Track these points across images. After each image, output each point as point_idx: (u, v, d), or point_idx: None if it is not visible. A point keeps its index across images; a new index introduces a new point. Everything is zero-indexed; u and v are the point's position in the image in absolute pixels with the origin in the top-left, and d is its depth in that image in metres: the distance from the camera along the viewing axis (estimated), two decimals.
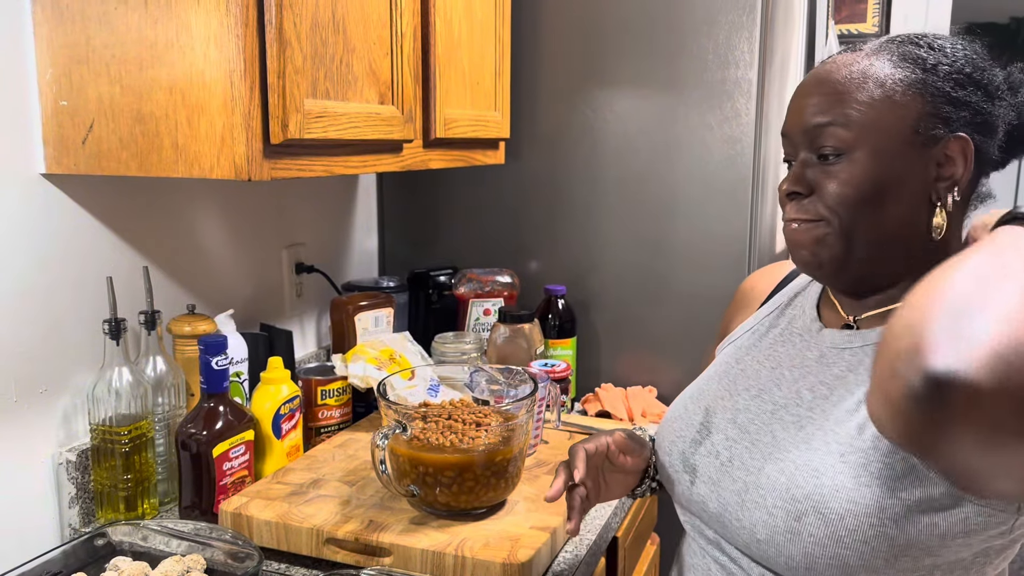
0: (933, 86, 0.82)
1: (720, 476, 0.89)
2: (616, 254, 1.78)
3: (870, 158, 0.81)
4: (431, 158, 1.44)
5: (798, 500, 0.79)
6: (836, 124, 0.82)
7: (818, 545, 0.78)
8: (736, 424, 0.91)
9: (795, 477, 0.81)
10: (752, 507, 0.83)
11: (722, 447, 0.90)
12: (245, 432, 1.24)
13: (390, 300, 1.65)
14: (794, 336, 0.95)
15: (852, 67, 0.84)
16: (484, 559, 1.01)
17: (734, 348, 1.02)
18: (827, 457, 0.80)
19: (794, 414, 0.87)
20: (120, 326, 1.19)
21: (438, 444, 1.10)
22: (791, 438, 0.85)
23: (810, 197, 0.85)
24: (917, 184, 0.82)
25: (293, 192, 1.69)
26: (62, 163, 1.12)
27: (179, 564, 1.01)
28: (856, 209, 0.82)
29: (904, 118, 0.81)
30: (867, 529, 0.76)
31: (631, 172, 1.74)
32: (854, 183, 0.82)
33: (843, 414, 0.82)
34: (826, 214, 0.83)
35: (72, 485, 1.20)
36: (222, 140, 1.02)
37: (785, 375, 0.91)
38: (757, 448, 0.87)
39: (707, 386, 0.99)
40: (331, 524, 1.09)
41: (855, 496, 0.77)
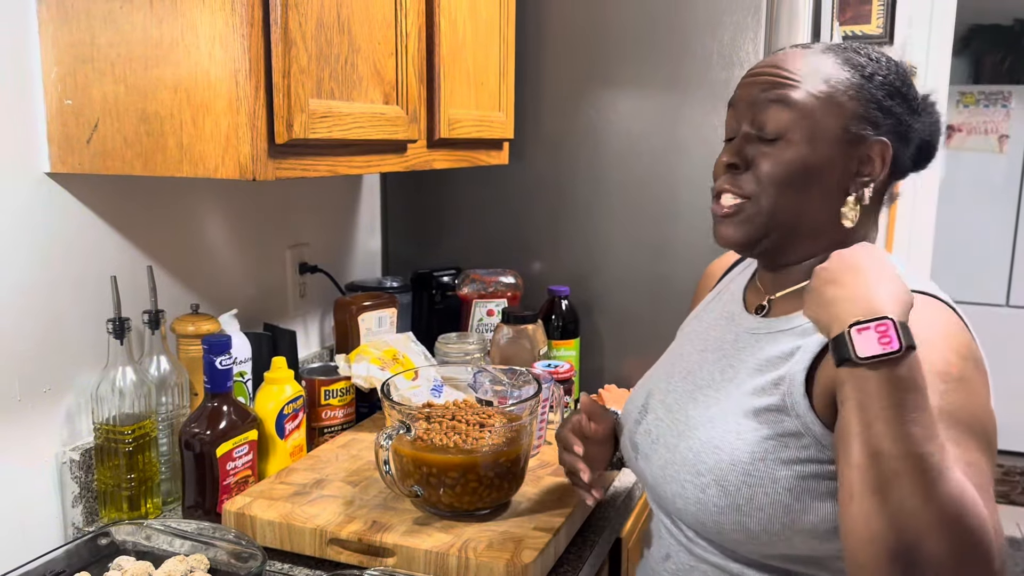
0: (869, 92, 0.90)
1: (650, 452, 1.00)
2: (620, 255, 1.77)
3: (804, 144, 0.89)
4: (435, 158, 1.44)
5: (701, 474, 0.90)
6: (781, 104, 0.90)
7: (722, 513, 0.88)
8: (664, 404, 1.02)
9: (700, 453, 0.91)
10: (670, 480, 0.94)
11: (653, 426, 1.02)
12: (249, 432, 1.24)
13: (393, 300, 1.65)
14: (722, 320, 1.04)
15: (805, 59, 0.92)
16: (488, 560, 1.01)
17: (681, 333, 1.13)
18: (727, 435, 0.90)
19: (706, 394, 0.97)
20: (124, 325, 1.19)
21: (442, 445, 1.09)
22: (700, 416, 0.95)
23: (745, 172, 0.92)
24: (839, 176, 0.91)
25: (297, 192, 1.69)
26: (67, 162, 1.12)
27: (182, 564, 1.01)
28: (782, 189, 0.90)
29: (840, 115, 0.90)
30: (762, 498, 0.86)
31: (635, 173, 1.73)
32: (785, 164, 0.90)
33: (743, 395, 0.92)
34: (755, 190, 0.91)
35: (76, 484, 1.20)
36: (227, 140, 1.02)
37: (708, 357, 1.01)
38: (675, 427, 0.98)
39: (653, 372, 1.11)
40: (334, 524, 1.09)
41: (750, 469, 0.87)
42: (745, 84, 0.95)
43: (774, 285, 0.99)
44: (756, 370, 0.93)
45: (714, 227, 0.97)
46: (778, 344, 0.92)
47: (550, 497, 1.18)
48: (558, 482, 1.23)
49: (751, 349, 0.95)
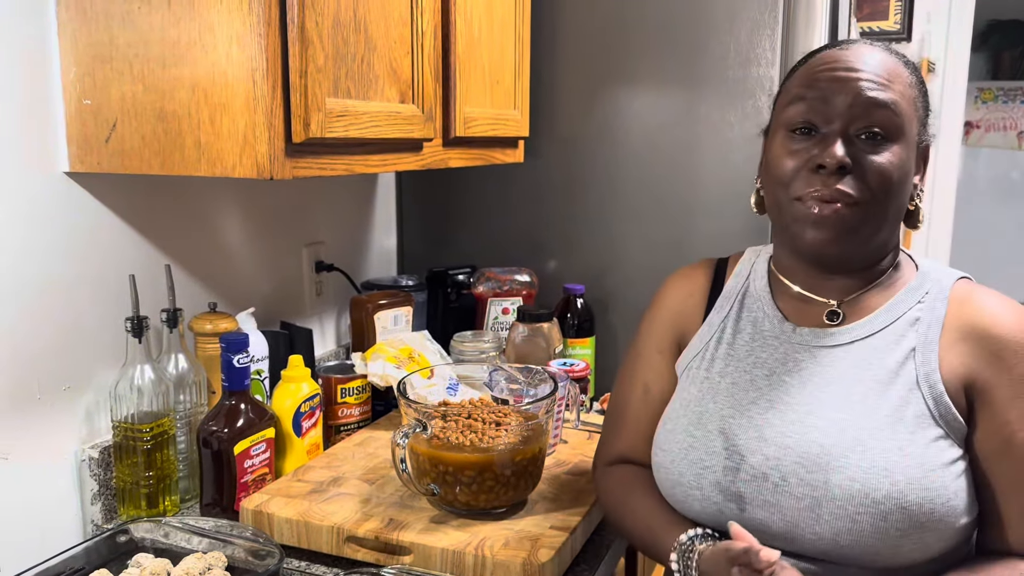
0: (925, 102, 0.93)
1: (777, 497, 0.88)
2: (635, 253, 1.77)
3: (905, 148, 0.89)
4: (451, 157, 1.44)
5: (879, 502, 0.84)
6: (890, 108, 0.87)
7: (904, 536, 0.84)
8: (767, 441, 0.90)
9: (868, 482, 0.85)
10: (830, 519, 0.85)
11: (767, 468, 0.89)
12: (266, 430, 1.25)
13: (409, 299, 1.65)
14: (769, 339, 0.96)
15: (887, 57, 0.91)
16: (504, 559, 1.01)
17: (707, 363, 1.00)
18: (890, 454, 0.85)
19: (826, 418, 0.89)
20: (142, 324, 1.19)
21: (458, 443, 1.09)
22: (838, 443, 0.87)
23: (851, 174, 0.87)
24: (913, 177, 0.92)
25: (313, 191, 1.69)
26: (85, 161, 1.13)
27: (200, 561, 1.02)
28: (891, 193, 0.88)
29: (917, 118, 0.91)
30: (940, 508, 0.84)
31: (651, 170, 1.73)
32: (895, 168, 0.88)
33: (878, 409, 0.88)
34: (864, 195, 0.87)
35: (95, 482, 1.20)
36: (244, 139, 1.02)
37: (786, 380, 0.93)
38: (809, 460, 0.87)
39: (703, 407, 0.96)
40: (351, 522, 1.09)
41: (925, 483, 0.84)
42: (832, 79, 0.88)
43: (838, 290, 0.95)
44: (877, 380, 0.89)
45: (793, 225, 0.90)
46: (882, 348, 0.91)
47: (567, 496, 1.18)
48: (574, 481, 1.23)
49: (848, 360, 0.91)
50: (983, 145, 4.00)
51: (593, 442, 1.39)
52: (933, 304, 0.92)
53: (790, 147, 0.91)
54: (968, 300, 0.91)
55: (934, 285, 0.93)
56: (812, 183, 0.87)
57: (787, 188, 0.90)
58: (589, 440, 1.41)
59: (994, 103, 3.91)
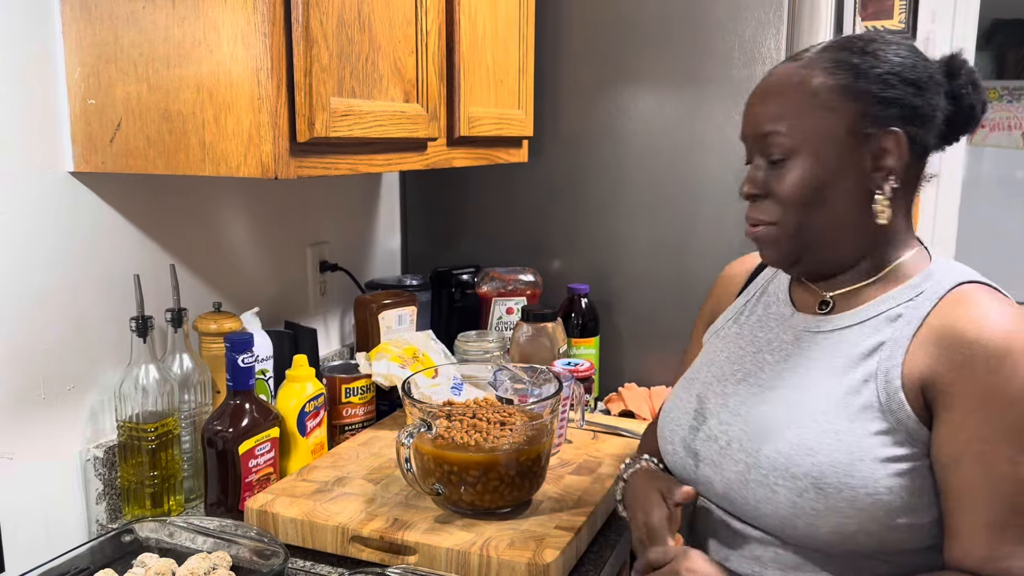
0: (863, 89, 0.89)
1: (721, 459, 0.97)
2: (639, 253, 1.77)
3: (810, 161, 0.90)
4: (455, 156, 1.44)
5: (797, 478, 0.88)
6: (778, 133, 0.91)
7: (819, 516, 0.87)
8: (729, 408, 0.99)
9: (792, 456, 0.89)
10: (755, 486, 0.92)
11: (719, 431, 0.98)
12: (271, 429, 1.25)
13: (413, 299, 1.65)
14: (771, 321, 1.03)
15: (792, 78, 0.92)
16: (509, 559, 1.00)
17: (718, 337, 1.10)
18: (821, 436, 0.88)
19: (780, 395, 0.95)
20: (147, 324, 1.19)
21: (463, 443, 1.09)
22: (781, 419, 0.92)
23: (766, 199, 0.93)
24: (856, 178, 0.91)
25: (317, 190, 1.69)
26: (90, 161, 1.13)
27: (205, 561, 1.02)
28: (803, 208, 0.91)
29: (838, 122, 0.90)
30: (863, 498, 0.85)
31: (655, 170, 1.73)
32: (798, 185, 0.91)
33: (829, 394, 0.91)
34: (779, 215, 0.92)
35: (99, 481, 1.20)
36: (249, 138, 1.02)
37: (767, 359, 0.99)
38: (752, 431, 0.94)
39: (697, 375, 1.07)
40: (356, 522, 1.09)
41: (850, 470, 0.86)
42: (745, 118, 0.97)
43: (829, 285, 0.98)
44: (839, 368, 0.92)
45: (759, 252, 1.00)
46: (855, 339, 0.93)
47: (571, 496, 1.18)
48: (579, 481, 1.23)
49: (823, 347, 0.95)
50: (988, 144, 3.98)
51: (598, 442, 1.39)
52: (920, 303, 0.91)
53: None
54: (960, 303, 0.89)
55: (933, 285, 0.92)
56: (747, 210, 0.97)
57: None
58: (594, 440, 1.40)
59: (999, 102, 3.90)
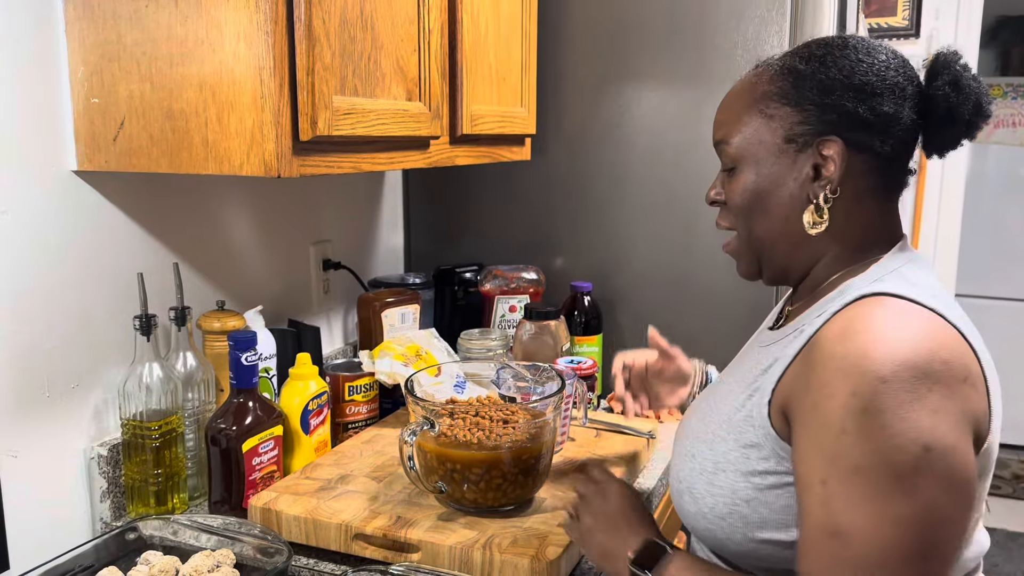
0: (801, 96, 0.88)
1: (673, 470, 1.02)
2: (643, 251, 1.77)
3: (750, 170, 0.91)
4: (457, 154, 1.44)
5: (681, 480, 0.94)
6: (725, 142, 0.93)
7: (694, 519, 0.92)
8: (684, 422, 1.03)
9: (680, 463, 0.96)
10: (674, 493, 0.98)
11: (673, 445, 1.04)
12: (274, 427, 1.25)
13: (416, 297, 1.65)
14: (756, 343, 1.02)
15: (744, 86, 0.94)
16: (512, 557, 1.01)
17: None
18: (700, 444, 0.93)
19: (708, 403, 0.98)
20: (151, 322, 1.20)
21: (466, 441, 1.09)
22: (692, 431, 0.97)
23: (724, 207, 0.97)
24: (793, 187, 0.89)
25: (320, 189, 1.69)
26: (93, 160, 1.13)
27: (209, 559, 1.02)
28: (746, 216, 0.93)
29: (776, 130, 0.89)
30: (723, 507, 0.88)
31: (658, 168, 1.72)
32: (739, 193, 0.93)
33: (728, 406, 0.92)
34: (732, 222, 0.96)
35: (103, 479, 1.21)
36: (252, 137, 1.02)
37: (727, 374, 1.01)
38: (678, 443, 1.00)
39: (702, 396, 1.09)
40: (359, 520, 1.09)
41: (712, 479, 0.89)
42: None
43: (792, 298, 0.99)
44: (745, 382, 0.92)
45: None
46: (762, 357, 0.92)
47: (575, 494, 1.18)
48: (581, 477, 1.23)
49: (750, 362, 0.95)
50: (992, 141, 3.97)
51: (601, 440, 1.39)
52: (819, 318, 0.85)
53: None
54: (841, 317, 0.82)
55: (840, 300, 0.85)
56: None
57: None
58: (597, 438, 1.40)
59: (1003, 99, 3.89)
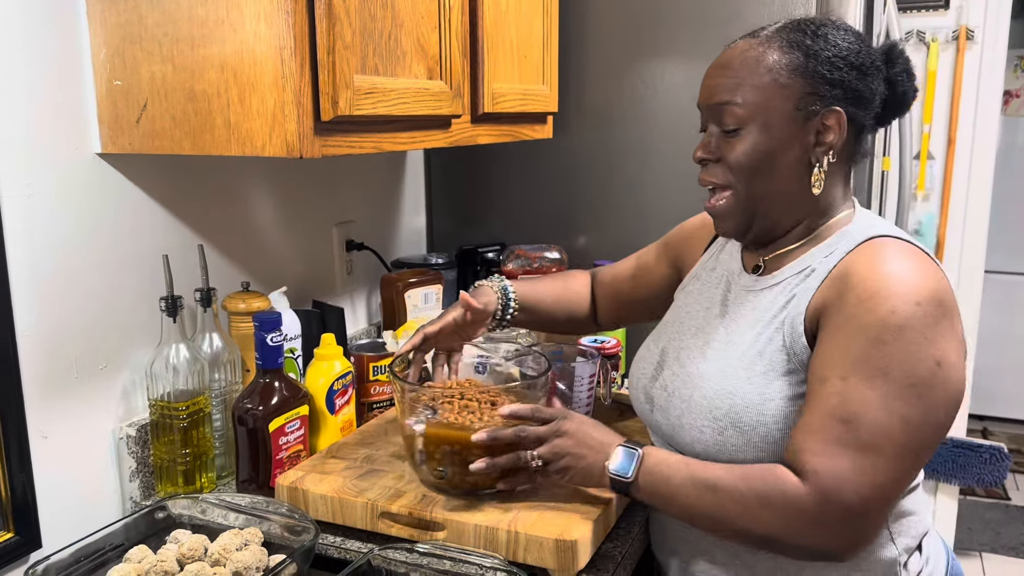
0: (813, 70, 0.97)
1: (667, 405, 1.09)
2: (667, 229, 1.74)
3: (760, 132, 0.98)
4: (479, 133, 1.43)
5: (718, 419, 1.00)
6: (733, 104, 0.99)
7: (739, 451, 0.99)
8: (679, 361, 1.10)
9: (714, 400, 1.01)
10: (688, 428, 1.04)
11: (668, 381, 1.10)
12: (300, 407, 1.26)
13: (439, 277, 1.65)
14: (723, 280, 1.13)
15: (748, 53, 1.00)
16: (537, 535, 1.01)
17: (684, 295, 1.20)
18: (737, 382, 1.00)
19: (714, 348, 1.05)
20: (176, 303, 1.20)
21: (460, 424, 1.08)
22: (709, 369, 1.04)
23: (718, 163, 1.02)
24: (799, 151, 0.99)
25: (342, 170, 1.69)
26: (117, 142, 1.14)
27: (237, 537, 1.03)
28: (750, 175, 1.00)
29: (788, 98, 0.98)
30: (775, 433, 0.97)
31: (683, 145, 1.70)
32: (747, 154, 0.99)
33: (747, 344, 1.02)
34: (730, 179, 1.01)
35: (132, 459, 1.22)
36: (273, 117, 1.02)
37: (712, 313, 1.10)
38: (689, 380, 1.06)
39: (663, 329, 1.19)
40: (385, 498, 1.10)
41: (762, 409, 0.97)
42: (703, 88, 1.04)
43: (767, 249, 1.08)
44: (756, 321, 1.03)
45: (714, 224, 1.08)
46: (774, 296, 1.03)
47: None
48: None
49: (750, 304, 1.06)
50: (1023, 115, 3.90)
51: (625, 419, 1.39)
52: (831, 257, 1.00)
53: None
54: (863, 251, 0.97)
55: (847, 242, 1.00)
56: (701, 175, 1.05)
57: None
58: (621, 417, 1.40)
59: None
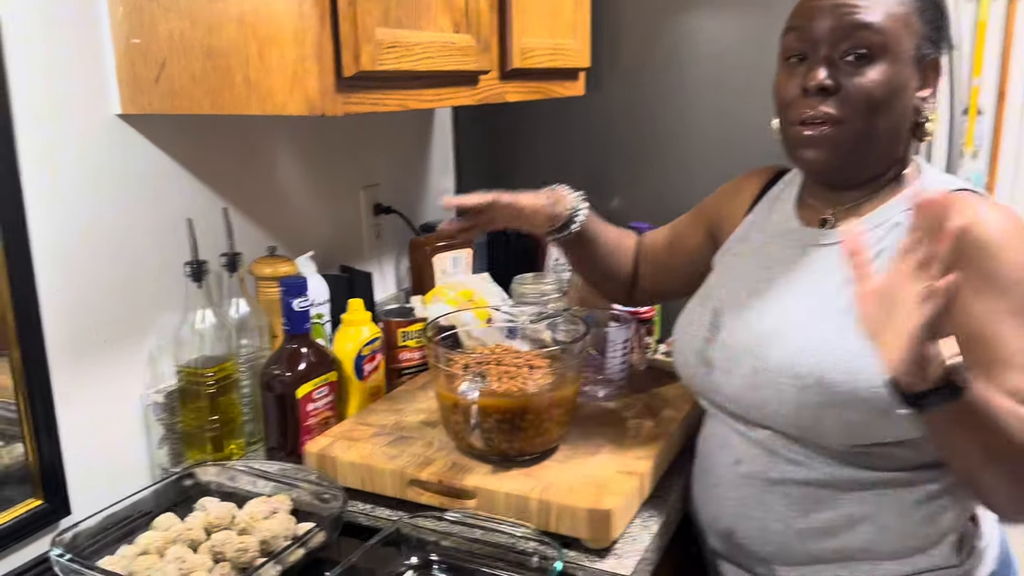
0: (931, 12, 0.96)
1: (732, 364, 1.02)
2: (705, 188, 1.67)
3: (890, 66, 0.93)
4: (507, 90, 1.38)
5: (802, 376, 0.93)
6: (872, 29, 0.92)
7: (822, 408, 0.93)
8: (742, 320, 1.03)
9: (798, 357, 0.94)
10: (763, 387, 0.97)
11: (731, 340, 1.03)
12: (328, 373, 1.24)
13: (468, 241, 1.61)
14: (778, 238, 1.07)
15: None
16: (569, 504, 0.98)
17: (731, 257, 1.14)
18: (826, 335, 0.93)
19: (786, 304, 1.00)
20: (202, 268, 1.18)
21: (504, 391, 1.05)
22: (790, 324, 0.97)
23: (835, 95, 0.93)
24: (911, 95, 0.96)
25: (369, 131, 1.66)
26: (137, 103, 1.11)
27: (266, 505, 1.02)
28: (872, 109, 0.93)
29: (913, 36, 0.94)
30: (864, 391, 0.90)
31: (721, 98, 1.64)
32: (876, 85, 0.92)
33: (834, 297, 0.95)
34: (847, 113, 0.93)
35: (160, 426, 1.21)
36: (294, 74, 0.98)
37: (776, 272, 1.04)
38: (763, 338, 0.99)
39: (710, 293, 1.12)
40: (414, 466, 1.07)
41: (850, 366, 0.91)
42: (816, 7, 0.95)
43: (831, 201, 1.03)
44: (836, 275, 0.96)
45: (793, 149, 1.00)
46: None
47: (633, 439, 1.14)
48: (640, 424, 1.19)
49: (828, 258, 1.00)
50: None
51: (660, 385, 1.35)
52: None
53: (786, 74, 0.99)
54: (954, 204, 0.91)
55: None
56: (802, 107, 0.96)
57: (786, 113, 0.99)
58: (655, 383, 1.36)
59: None
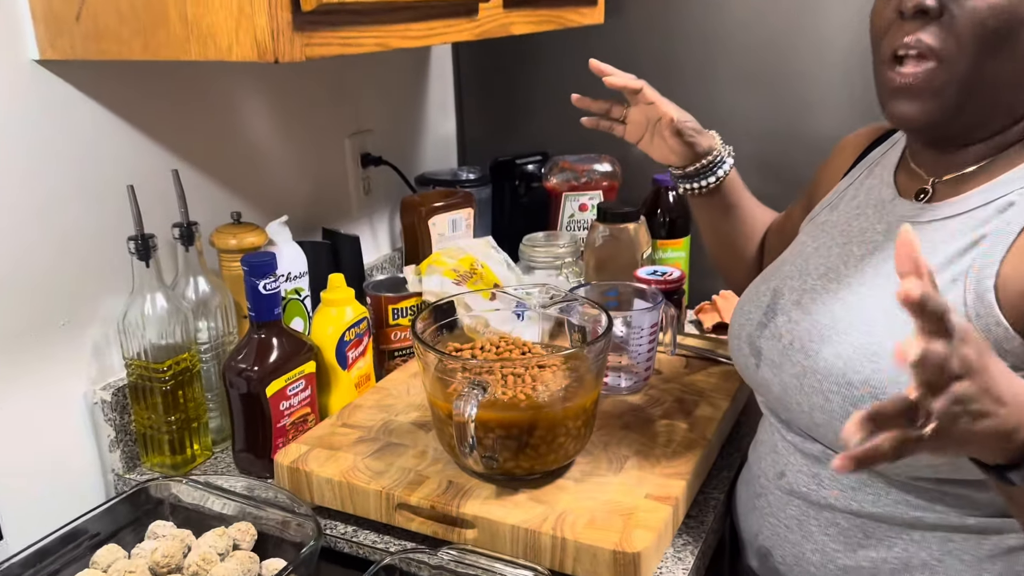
0: None
1: (780, 360, 0.87)
2: (739, 133, 1.48)
3: None
4: (513, 21, 1.17)
5: (854, 385, 0.77)
6: None
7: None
8: (800, 306, 0.88)
9: (852, 361, 0.78)
10: (809, 392, 0.82)
11: (784, 329, 0.88)
12: (304, 364, 1.06)
13: (469, 199, 1.42)
14: (868, 209, 0.91)
15: None
16: (590, 543, 0.80)
17: (812, 226, 0.98)
18: (887, 340, 0.76)
19: (856, 293, 0.83)
20: (148, 243, 1.00)
21: (510, 400, 0.87)
22: (850, 319, 0.81)
23: (933, 23, 0.75)
24: None
25: (354, 71, 1.45)
26: (57, 46, 0.91)
27: (223, 540, 0.85)
28: (982, 44, 0.74)
29: None
30: None
31: (758, 34, 1.44)
32: (992, 12, 0.73)
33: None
34: (951, 48, 0.75)
35: (110, 427, 1.05)
36: (240, 10, 0.78)
37: (854, 251, 0.88)
38: (817, 330, 0.83)
39: (778, 268, 0.96)
40: (403, 486, 0.90)
41: None
42: None
43: (938, 166, 0.84)
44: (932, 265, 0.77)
45: (884, 100, 0.81)
46: (950, 232, 0.79)
47: (663, 449, 0.97)
48: (673, 428, 1.02)
49: (924, 241, 0.81)
50: None
51: (692, 373, 1.17)
52: None
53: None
54: None
55: None
56: (897, 36, 0.77)
57: (879, 47, 0.81)
58: (686, 370, 1.18)
59: None
